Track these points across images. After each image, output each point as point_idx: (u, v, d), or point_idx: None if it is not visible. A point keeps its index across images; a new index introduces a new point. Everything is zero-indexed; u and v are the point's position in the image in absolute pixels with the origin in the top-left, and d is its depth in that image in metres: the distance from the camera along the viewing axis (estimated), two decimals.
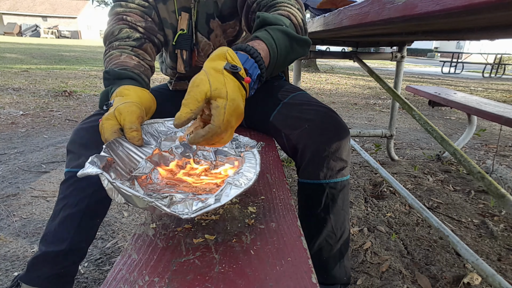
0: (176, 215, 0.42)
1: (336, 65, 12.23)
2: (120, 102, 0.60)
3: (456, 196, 1.67)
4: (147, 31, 0.85)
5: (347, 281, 0.83)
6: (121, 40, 0.81)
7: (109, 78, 0.70)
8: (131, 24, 0.83)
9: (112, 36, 0.82)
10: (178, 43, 0.89)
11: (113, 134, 0.56)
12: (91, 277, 1.04)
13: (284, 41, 0.62)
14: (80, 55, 10.52)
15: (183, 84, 1.02)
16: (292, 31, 0.63)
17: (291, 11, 0.70)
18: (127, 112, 0.58)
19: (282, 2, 0.72)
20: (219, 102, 0.47)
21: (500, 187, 0.74)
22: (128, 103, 0.60)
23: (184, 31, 0.87)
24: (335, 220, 0.79)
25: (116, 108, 0.59)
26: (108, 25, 0.84)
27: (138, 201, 0.44)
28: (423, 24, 0.79)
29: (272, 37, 0.60)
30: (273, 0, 0.72)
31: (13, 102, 3.43)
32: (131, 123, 0.58)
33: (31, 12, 34.42)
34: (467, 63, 11.10)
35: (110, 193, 0.47)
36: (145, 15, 0.84)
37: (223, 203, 0.44)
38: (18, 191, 1.57)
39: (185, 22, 0.87)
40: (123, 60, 0.78)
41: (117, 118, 0.58)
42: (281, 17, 0.65)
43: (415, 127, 3.23)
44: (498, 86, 7.59)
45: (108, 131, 0.56)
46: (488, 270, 0.83)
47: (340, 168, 0.77)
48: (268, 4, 0.72)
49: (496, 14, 0.50)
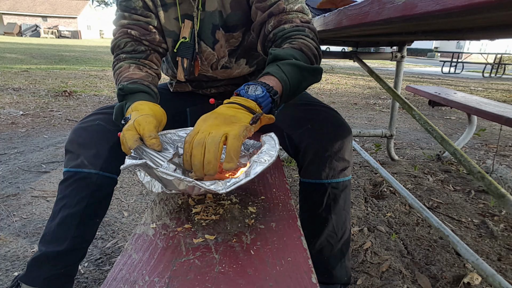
0: (214, 192, 0.50)
1: (336, 65, 12.23)
2: (137, 115, 0.64)
3: (456, 196, 1.67)
4: (151, 43, 0.86)
5: (347, 281, 0.83)
6: (127, 53, 0.83)
7: (123, 94, 0.73)
8: (136, 38, 0.84)
9: (118, 49, 0.84)
10: (180, 51, 0.89)
11: (135, 143, 0.59)
12: (91, 277, 1.04)
13: (294, 73, 0.65)
14: (80, 55, 10.52)
15: (184, 86, 1.02)
16: (301, 63, 0.67)
17: (304, 42, 0.73)
18: (145, 123, 0.62)
19: (297, 34, 0.74)
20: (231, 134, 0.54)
21: (500, 187, 0.74)
22: (145, 115, 0.64)
23: (186, 39, 0.88)
24: (336, 220, 0.79)
25: (135, 120, 0.62)
26: (114, 37, 0.85)
27: (178, 184, 0.51)
28: (423, 24, 0.79)
29: (282, 71, 0.64)
30: (289, 32, 0.75)
31: (13, 102, 3.43)
32: (150, 132, 0.61)
33: (31, 12, 34.42)
34: (467, 63, 11.10)
35: (148, 185, 0.56)
36: (148, 26, 0.85)
37: (252, 177, 0.51)
38: (18, 191, 1.57)
39: (188, 30, 0.87)
40: (133, 72, 0.79)
41: (137, 129, 0.61)
42: (292, 51, 0.69)
43: (415, 127, 3.23)
44: (498, 86, 7.59)
45: (130, 140, 0.59)
46: (488, 270, 0.83)
47: (342, 168, 0.77)
48: (284, 36, 0.75)
49: (496, 14, 0.50)
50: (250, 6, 0.84)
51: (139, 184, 1.72)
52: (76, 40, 28.91)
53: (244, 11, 0.86)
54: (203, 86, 1.02)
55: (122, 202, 1.52)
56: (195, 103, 1.03)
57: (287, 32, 0.75)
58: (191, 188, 0.52)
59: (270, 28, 0.77)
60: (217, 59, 0.93)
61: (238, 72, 0.98)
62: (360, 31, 1.09)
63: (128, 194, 1.61)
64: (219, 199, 0.61)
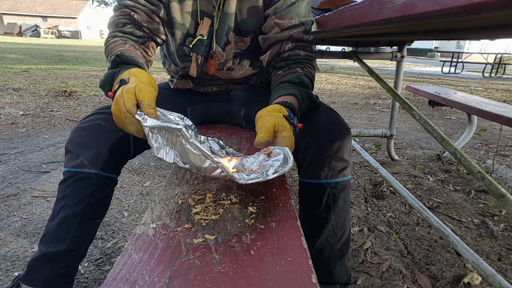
0: (234, 179, 0.53)
1: (336, 65, 12.23)
2: (138, 82, 0.63)
3: (456, 196, 1.67)
4: (151, 31, 0.86)
5: (347, 281, 0.83)
6: (125, 33, 0.83)
7: (119, 62, 0.72)
8: (137, 22, 0.83)
9: (116, 27, 0.84)
10: (195, 47, 0.90)
11: (133, 107, 0.59)
12: (91, 277, 1.04)
13: (307, 101, 0.79)
14: (80, 55, 10.52)
15: (185, 83, 1.02)
16: (312, 95, 0.81)
17: (311, 71, 0.87)
18: (146, 91, 0.62)
19: (307, 62, 0.87)
20: (285, 133, 0.64)
21: (500, 187, 0.74)
22: (146, 84, 0.63)
23: (204, 37, 0.88)
24: (336, 220, 0.79)
25: (136, 85, 0.62)
26: (114, 14, 0.85)
27: (202, 160, 0.53)
28: (423, 24, 0.79)
29: (302, 96, 0.78)
30: (302, 59, 0.87)
31: (13, 102, 3.43)
32: (150, 101, 0.61)
33: (31, 12, 34.42)
34: (467, 63, 11.09)
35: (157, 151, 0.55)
36: (153, 14, 0.84)
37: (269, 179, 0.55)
38: (18, 191, 1.57)
39: (206, 29, 0.88)
40: (128, 48, 0.79)
41: (136, 94, 0.61)
42: (308, 81, 0.82)
43: (415, 126, 3.23)
44: (498, 85, 7.59)
45: (129, 102, 0.59)
46: (488, 269, 0.83)
47: (341, 168, 0.77)
48: (297, 60, 0.86)
49: (496, 13, 0.50)
50: (265, 17, 0.89)
51: (139, 184, 1.72)
52: (76, 40, 28.91)
53: (259, 20, 0.90)
54: (205, 83, 1.02)
55: (122, 202, 1.52)
56: (195, 102, 1.03)
57: (301, 58, 0.87)
58: (212, 169, 0.53)
59: (286, 49, 0.87)
60: (224, 60, 0.94)
61: (241, 74, 0.99)
62: (360, 31, 1.09)
63: (128, 194, 1.61)
64: (219, 199, 0.61)
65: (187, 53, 0.93)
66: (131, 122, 0.59)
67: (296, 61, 0.86)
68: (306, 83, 0.81)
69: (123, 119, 0.59)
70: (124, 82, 0.64)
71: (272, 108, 0.68)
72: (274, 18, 0.86)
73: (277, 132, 0.64)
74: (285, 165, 0.57)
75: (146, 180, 1.77)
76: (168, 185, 0.68)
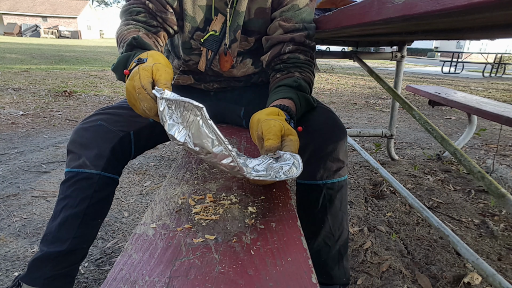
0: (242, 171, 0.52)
1: (336, 65, 12.23)
2: (156, 62, 0.63)
3: (456, 196, 1.67)
4: (165, 21, 0.86)
5: (346, 282, 0.83)
6: (138, 22, 0.83)
7: (135, 45, 0.71)
8: (151, 11, 0.84)
9: (130, 15, 0.83)
10: (207, 42, 0.90)
11: (148, 84, 0.59)
12: (91, 277, 1.04)
13: (304, 105, 0.80)
14: (80, 55, 10.53)
15: (186, 78, 1.02)
16: (310, 99, 0.82)
17: (310, 76, 0.86)
18: (164, 71, 0.62)
19: (307, 67, 0.87)
20: (292, 137, 0.64)
21: (500, 187, 0.74)
22: (164, 65, 0.63)
23: (217, 33, 0.89)
24: (333, 221, 0.79)
25: (154, 64, 0.61)
26: (127, 2, 0.84)
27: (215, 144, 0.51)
28: (423, 24, 0.79)
29: (299, 100, 0.78)
30: (301, 63, 0.87)
31: (13, 102, 3.43)
32: (166, 80, 0.61)
33: (31, 12, 34.41)
34: (467, 63, 11.09)
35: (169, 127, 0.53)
36: (167, 5, 0.84)
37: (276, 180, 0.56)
38: (18, 191, 1.57)
39: (219, 25, 0.89)
40: (142, 36, 0.78)
41: (153, 73, 0.60)
42: (306, 85, 0.82)
43: (415, 126, 3.23)
44: (498, 85, 7.59)
45: (145, 79, 0.58)
46: (488, 269, 0.83)
47: (337, 169, 0.77)
48: (297, 64, 0.86)
49: (496, 13, 0.50)
50: (271, 19, 0.90)
51: (139, 184, 1.72)
52: (76, 40, 28.91)
53: (265, 21, 0.91)
54: (207, 80, 1.02)
55: (122, 202, 1.52)
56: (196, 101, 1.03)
57: (300, 62, 0.87)
58: (222, 156, 0.52)
59: (287, 51, 0.87)
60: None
61: (243, 72, 0.99)
62: (360, 30, 1.09)
63: (128, 194, 1.61)
64: (219, 199, 0.61)
65: (193, 46, 0.93)
66: (144, 98, 0.57)
67: (295, 65, 0.86)
68: (303, 87, 0.81)
69: (137, 95, 0.58)
70: (142, 61, 0.63)
71: (270, 111, 0.68)
72: (279, 20, 0.87)
73: (284, 136, 0.64)
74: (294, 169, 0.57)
75: (146, 180, 1.77)
76: (168, 185, 0.68)
